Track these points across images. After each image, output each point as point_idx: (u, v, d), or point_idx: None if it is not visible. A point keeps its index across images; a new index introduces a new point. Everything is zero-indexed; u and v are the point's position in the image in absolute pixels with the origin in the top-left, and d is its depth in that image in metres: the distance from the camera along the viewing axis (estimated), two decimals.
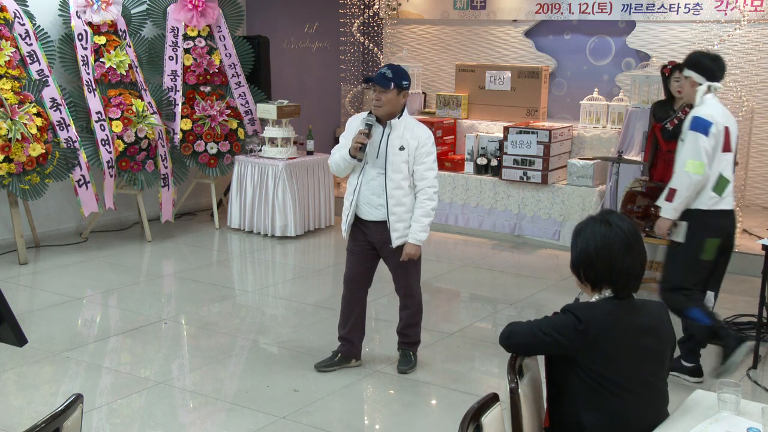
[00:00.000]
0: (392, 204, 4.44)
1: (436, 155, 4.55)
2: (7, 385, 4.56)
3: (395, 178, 4.42)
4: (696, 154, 4.40)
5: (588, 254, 2.65)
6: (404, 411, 4.34)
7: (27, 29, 6.98)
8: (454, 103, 8.64)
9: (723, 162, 4.49)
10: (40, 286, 6.44)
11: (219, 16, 8.20)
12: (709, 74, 4.57)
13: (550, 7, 9.14)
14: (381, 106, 4.36)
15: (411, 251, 4.51)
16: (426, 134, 4.47)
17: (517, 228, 7.90)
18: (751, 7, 7.89)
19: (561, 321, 2.61)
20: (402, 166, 4.42)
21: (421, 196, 4.48)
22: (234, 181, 8.10)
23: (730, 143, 4.53)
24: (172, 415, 4.27)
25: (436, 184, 4.51)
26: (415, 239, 4.49)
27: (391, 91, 4.34)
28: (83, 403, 2.33)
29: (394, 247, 4.51)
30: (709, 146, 4.40)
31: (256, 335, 5.44)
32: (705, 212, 4.49)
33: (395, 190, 4.42)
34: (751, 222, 7.85)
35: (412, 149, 4.41)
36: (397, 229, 4.47)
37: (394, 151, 4.40)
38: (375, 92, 4.37)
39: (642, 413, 2.62)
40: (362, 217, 4.54)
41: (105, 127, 7.25)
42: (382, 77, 4.33)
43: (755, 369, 4.84)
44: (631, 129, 7.61)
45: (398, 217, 4.46)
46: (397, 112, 4.42)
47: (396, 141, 4.40)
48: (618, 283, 2.64)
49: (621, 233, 2.63)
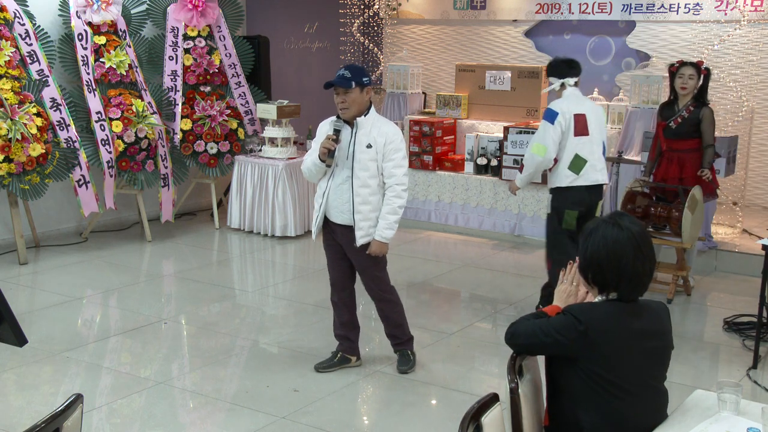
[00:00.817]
0: (358, 202, 4.40)
1: (407, 153, 4.54)
2: (7, 385, 4.56)
3: (362, 176, 4.39)
4: (541, 139, 5.36)
5: (598, 257, 2.62)
6: (404, 411, 4.34)
7: (27, 29, 6.98)
8: (454, 103, 8.64)
9: (578, 144, 5.37)
10: (40, 286, 6.44)
11: (219, 16, 8.20)
12: (559, 73, 5.49)
13: (550, 7, 9.14)
14: (348, 107, 4.35)
15: (375, 249, 4.47)
16: (394, 131, 4.45)
17: (517, 228, 7.90)
18: (751, 7, 7.89)
19: (561, 322, 2.61)
20: (369, 164, 4.39)
21: (389, 194, 4.45)
22: (234, 181, 8.10)
23: (587, 128, 5.38)
24: (172, 415, 4.27)
25: (405, 182, 4.47)
26: (381, 236, 4.44)
27: (353, 90, 4.32)
28: (83, 403, 2.33)
29: (358, 245, 4.46)
30: (554, 133, 5.33)
31: (256, 335, 5.44)
32: (564, 188, 5.42)
33: (361, 188, 4.39)
34: (751, 222, 7.85)
35: (380, 146, 4.39)
36: (361, 227, 4.43)
37: (361, 149, 4.37)
38: (338, 95, 4.35)
39: (641, 415, 2.61)
40: (331, 219, 4.53)
41: (105, 127, 7.25)
42: (342, 78, 4.32)
43: (755, 369, 4.84)
44: (631, 129, 7.62)
45: (363, 216, 4.42)
46: (364, 110, 4.42)
47: (363, 139, 4.38)
48: (627, 287, 2.62)
49: (632, 237, 2.60)
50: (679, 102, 6.14)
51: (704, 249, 6.89)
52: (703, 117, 6.05)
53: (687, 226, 5.87)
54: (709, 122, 6.07)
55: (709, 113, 6.08)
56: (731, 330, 5.50)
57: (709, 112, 6.08)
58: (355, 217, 4.42)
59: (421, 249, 7.66)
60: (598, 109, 5.54)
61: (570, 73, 5.46)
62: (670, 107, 6.20)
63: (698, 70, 6.06)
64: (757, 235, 7.27)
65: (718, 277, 6.82)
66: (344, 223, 4.48)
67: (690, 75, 6.05)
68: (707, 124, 6.06)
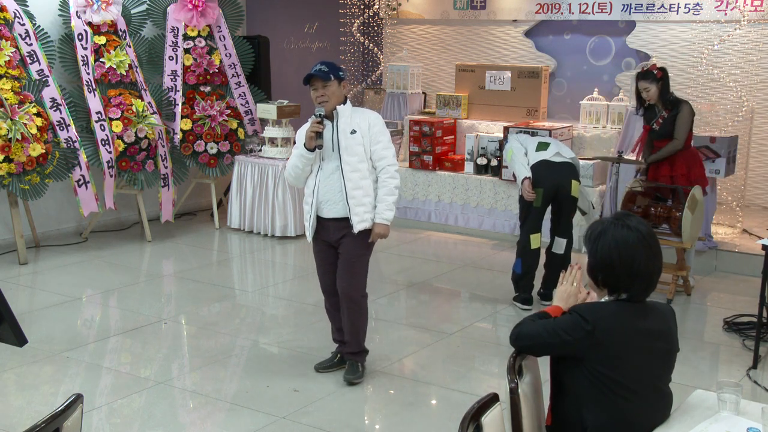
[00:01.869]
0: (350, 187, 4.35)
1: (391, 137, 4.53)
2: (7, 385, 4.57)
3: (351, 161, 4.36)
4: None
5: (610, 259, 2.61)
6: (404, 411, 4.34)
7: (27, 29, 6.98)
8: (454, 103, 8.64)
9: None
10: (40, 286, 6.44)
11: (219, 16, 8.20)
12: None
13: (550, 7, 9.14)
14: (328, 99, 4.35)
15: (380, 231, 4.43)
16: (375, 115, 4.48)
17: (517, 228, 7.87)
18: (751, 7, 7.89)
19: (567, 321, 2.59)
20: (357, 149, 4.37)
21: (383, 176, 4.43)
22: (234, 181, 8.10)
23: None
24: (172, 415, 4.27)
25: (396, 163, 4.46)
26: (382, 218, 4.42)
27: (332, 82, 4.35)
28: (83, 403, 2.33)
29: (356, 232, 4.40)
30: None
31: (256, 335, 5.44)
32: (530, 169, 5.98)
33: (352, 173, 4.36)
34: (751, 222, 7.85)
35: (364, 131, 4.39)
36: (357, 213, 4.38)
37: (345, 136, 4.37)
38: (317, 90, 4.35)
39: (646, 415, 2.61)
40: (323, 215, 4.46)
41: (105, 127, 7.25)
42: (320, 72, 4.34)
43: (755, 369, 4.84)
44: (631, 129, 7.62)
45: (357, 201, 4.37)
46: (341, 102, 4.43)
47: (346, 127, 4.38)
48: (638, 288, 2.62)
49: (642, 237, 2.60)
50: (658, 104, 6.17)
51: (704, 249, 6.89)
52: (679, 112, 6.08)
53: (687, 226, 5.87)
54: (683, 118, 6.07)
55: (686, 109, 6.09)
56: (731, 330, 5.50)
57: (686, 108, 6.09)
58: (349, 203, 4.37)
59: (421, 249, 7.66)
60: None
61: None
62: (651, 110, 6.22)
63: (652, 77, 6.07)
64: (757, 235, 7.26)
65: (718, 277, 6.82)
66: (338, 216, 4.42)
67: (645, 88, 6.10)
68: (680, 120, 6.07)
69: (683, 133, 6.09)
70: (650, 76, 6.08)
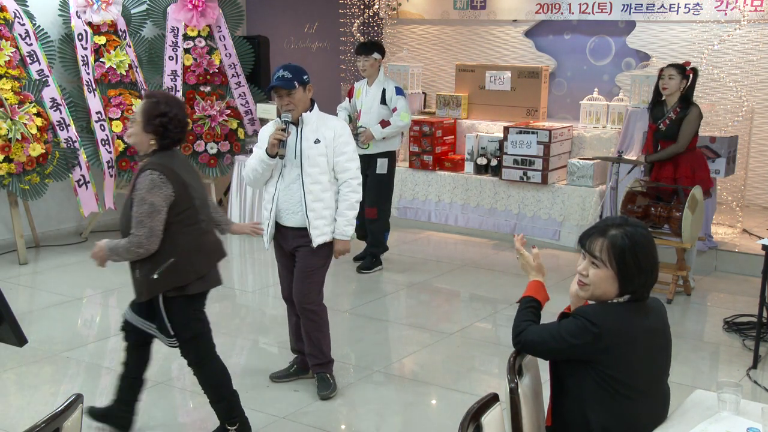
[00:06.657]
0: (310, 200, 4.20)
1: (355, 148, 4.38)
2: (7, 385, 4.56)
3: (312, 172, 4.22)
4: (406, 109, 6.70)
5: (654, 263, 2.65)
6: (404, 411, 4.34)
7: (27, 29, 6.98)
8: (454, 103, 8.64)
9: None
10: (40, 286, 6.44)
11: (219, 16, 8.20)
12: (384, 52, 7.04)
13: (550, 7, 9.14)
14: (294, 107, 4.20)
15: (340, 248, 4.33)
16: (341, 125, 4.34)
17: (517, 228, 7.89)
18: (751, 7, 7.89)
19: (574, 325, 2.57)
20: (319, 160, 4.23)
21: (345, 189, 4.30)
22: (234, 181, 8.10)
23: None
24: (172, 415, 4.27)
25: (359, 176, 4.34)
26: (343, 234, 4.30)
27: (297, 90, 4.18)
28: (83, 403, 2.33)
29: (316, 246, 4.25)
30: (409, 103, 6.89)
31: (256, 335, 5.44)
32: (395, 151, 6.83)
33: (313, 185, 4.22)
34: (751, 222, 7.85)
35: (329, 140, 4.24)
36: (317, 226, 4.23)
37: (309, 145, 4.22)
38: (282, 98, 4.20)
39: (651, 413, 2.61)
40: (282, 223, 4.33)
41: (105, 127, 7.25)
42: (283, 80, 4.17)
43: (755, 369, 4.84)
44: (631, 129, 7.62)
45: (317, 214, 4.22)
46: (308, 107, 4.28)
47: (310, 135, 4.23)
48: (649, 285, 2.64)
49: (649, 233, 2.66)
50: (667, 103, 6.15)
51: (704, 249, 6.89)
52: (687, 115, 6.05)
53: (687, 226, 5.87)
54: (690, 122, 6.04)
55: (694, 113, 6.05)
56: (731, 330, 5.50)
57: (695, 111, 6.06)
58: (308, 215, 4.22)
59: (421, 249, 7.66)
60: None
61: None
62: (660, 109, 6.20)
63: (681, 71, 6.05)
64: (757, 235, 7.26)
65: (718, 277, 6.82)
66: (297, 225, 4.28)
67: (670, 75, 6.04)
68: (686, 123, 6.04)
69: (687, 137, 6.07)
70: (680, 67, 6.06)
